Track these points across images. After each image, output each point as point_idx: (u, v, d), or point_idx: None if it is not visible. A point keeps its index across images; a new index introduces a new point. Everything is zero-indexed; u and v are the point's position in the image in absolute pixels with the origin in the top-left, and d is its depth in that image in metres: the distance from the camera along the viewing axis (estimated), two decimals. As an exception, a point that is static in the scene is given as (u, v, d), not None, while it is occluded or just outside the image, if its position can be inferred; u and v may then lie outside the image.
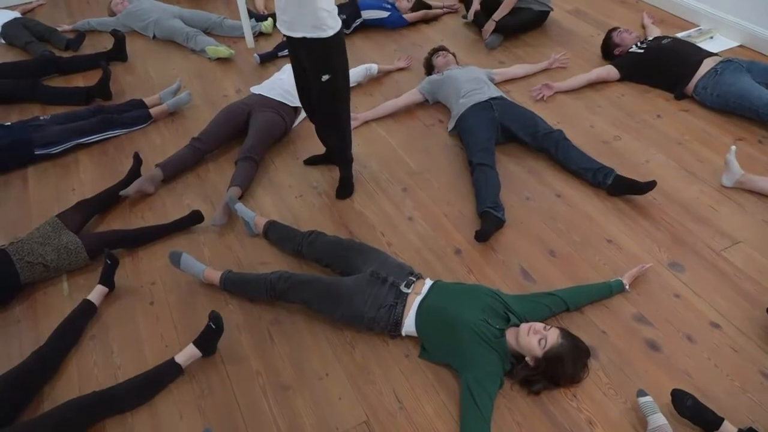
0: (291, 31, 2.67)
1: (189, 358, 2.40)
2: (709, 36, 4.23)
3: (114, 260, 2.75)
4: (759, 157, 3.22)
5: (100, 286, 2.71)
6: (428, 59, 4.04)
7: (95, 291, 2.69)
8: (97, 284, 2.72)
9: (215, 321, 2.41)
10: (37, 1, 5.68)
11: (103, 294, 2.71)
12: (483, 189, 3.01)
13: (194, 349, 2.40)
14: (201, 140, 3.47)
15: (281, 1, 2.60)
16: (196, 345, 2.41)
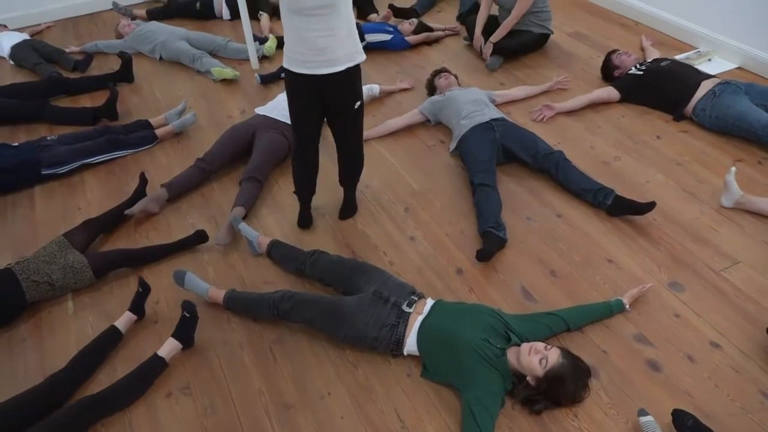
0: (333, 67, 2.62)
1: (171, 350, 2.48)
2: (708, 58, 4.29)
3: (146, 287, 2.72)
4: (758, 178, 3.24)
5: (129, 313, 2.70)
6: (430, 80, 4.10)
7: (123, 318, 2.67)
8: (126, 311, 2.70)
9: (188, 309, 2.50)
10: (46, 24, 5.78)
11: (131, 321, 2.70)
12: (484, 209, 3.04)
13: (174, 342, 2.49)
14: (206, 161, 3.52)
15: (321, 42, 2.54)
16: (174, 337, 2.50)
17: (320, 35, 2.53)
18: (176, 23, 5.39)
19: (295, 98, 2.80)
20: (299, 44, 2.57)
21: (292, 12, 2.50)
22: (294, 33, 2.56)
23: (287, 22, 2.57)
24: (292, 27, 2.55)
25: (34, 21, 5.76)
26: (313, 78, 2.65)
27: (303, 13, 2.47)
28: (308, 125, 2.88)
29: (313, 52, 2.58)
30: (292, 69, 2.68)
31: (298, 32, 2.54)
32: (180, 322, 2.52)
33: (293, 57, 2.64)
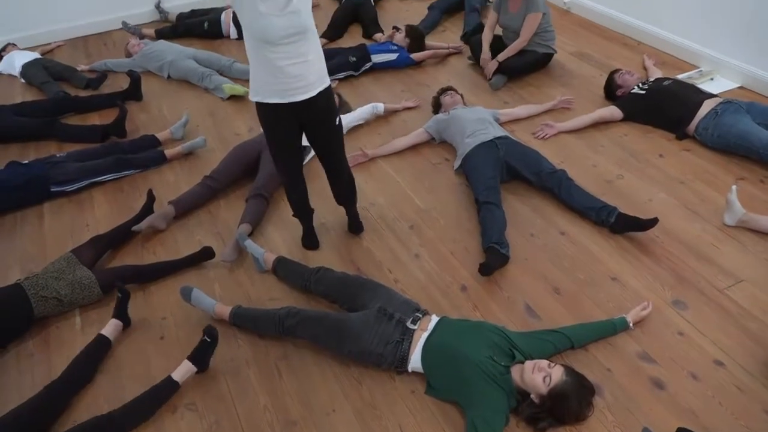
0: (309, 92, 2.60)
1: (185, 373, 2.47)
2: (710, 77, 4.33)
3: (125, 293, 2.80)
4: (760, 196, 3.27)
5: (115, 320, 2.76)
6: (436, 98, 4.15)
7: (110, 325, 2.73)
8: (111, 318, 2.76)
9: (209, 334, 2.48)
10: (56, 43, 5.87)
11: (119, 328, 2.75)
12: (489, 226, 3.07)
13: (189, 365, 2.47)
14: (213, 178, 3.56)
15: (294, 70, 2.50)
16: (190, 360, 2.48)
17: (293, 62, 2.50)
18: (184, 42, 5.47)
19: (274, 131, 2.74)
20: (271, 75, 2.51)
21: (261, 42, 2.43)
22: (264, 64, 2.49)
23: (255, 53, 2.50)
24: (261, 58, 2.48)
25: (45, 40, 5.86)
26: (290, 106, 2.60)
27: (274, 43, 2.43)
28: (291, 156, 2.88)
29: (288, 81, 2.53)
30: (265, 101, 2.60)
31: (269, 62, 2.47)
32: (199, 346, 2.50)
33: (265, 89, 2.57)
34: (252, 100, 2.66)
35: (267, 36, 2.41)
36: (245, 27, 2.46)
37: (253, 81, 2.60)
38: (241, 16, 2.44)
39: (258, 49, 2.47)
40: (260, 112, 2.69)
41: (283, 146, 2.81)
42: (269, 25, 2.39)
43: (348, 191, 3.15)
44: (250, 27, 2.43)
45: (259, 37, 2.42)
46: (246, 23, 2.44)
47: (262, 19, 2.39)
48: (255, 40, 2.45)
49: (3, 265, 3.27)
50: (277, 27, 2.40)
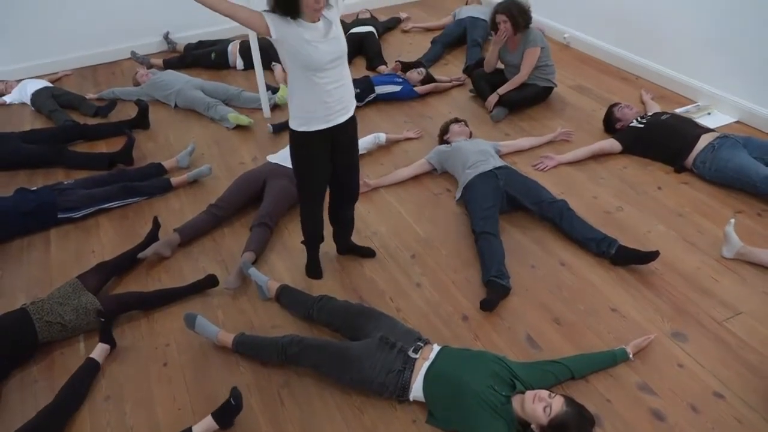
0: (348, 113, 2.76)
1: (207, 429, 2.41)
2: (707, 112, 4.41)
3: (107, 318, 2.90)
4: (758, 229, 3.31)
5: (101, 344, 2.82)
6: (447, 124, 4.20)
7: (97, 349, 2.80)
8: (99, 342, 2.83)
9: (236, 399, 2.44)
10: (63, 72, 5.98)
11: (106, 351, 2.81)
12: (487, 257, 3.10)
13: (212, 422, 2.42)
14: (218, 207, 3.62)
15: (337, 93, 2.64)
16: (214, 417, 2.43)
17: (337, 86, 2.65)
18: (191, 72, 5.57)
19: (314, 157, 2.81)
20: (318, 101, 2.63)
21: (308, 70, 2.55)
22: (312, 90, 2.60)
23: (303, 83, 2.60)
24: (309, 85, 2.59)
25: (55, 69, 5.97)
26: (330, 130, 2.73)
27: (321, 68, 2.56)
28: (324, 181, 2.94)
29: (332, 105, 2.66)
30: (311, 129, 2.69)
31: (316, 88, 2.60)
32: (224, 406, 2.44)
33: (312, 116, 2.67)
34: (297, 130, 2.72)
35: (314, 62, 2.53)
36: (291, 57, 2.55)
37: (299, 110, 2.68)
38: (285, 46, 2.53)
39: (305, 76, 2.58)
40: (302, 142, 2.76)
41: (319, 172, 2.88)
42: (315, 51, 2.52)
43: (352, 217, 3.24)
44: (298, 55, 2.52)
45: (307, 64, 2.53)
46: (292, 53, 2.53)
47: (308, 46, 2.51)
48: (302, 69, 2.55)
49: (9, 290, 3.30)
50: (324, 53, 2.53)
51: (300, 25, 2.50)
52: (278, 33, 2.49)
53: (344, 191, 3.06)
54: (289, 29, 2.49)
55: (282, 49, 2.56)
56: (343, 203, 3.12)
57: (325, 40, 2.55)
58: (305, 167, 2.86)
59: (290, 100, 2.70)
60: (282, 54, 2.58)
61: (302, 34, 2.50)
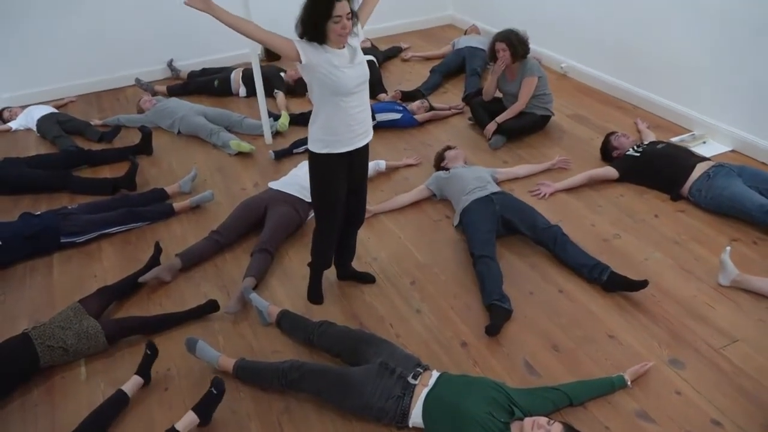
0: (368, 136, 2.86)
1: (188, 425, 2.46)
2: (702, 141, 4.48)
3: (154, 351, 2.82)
4: (754, 257, 3.35)
5: (137, 377, 2.77)
6: (441, 152, 4.27)
7: (131, 382, 2.74)
8: (134, 375, 2.77)
9: (217, 386, 2.50)
10: (68, 98, 6.08)
11: (139, 385, 2.76)
12: (487, 281, 3.14)
13: (193, 416, 2.48)
14: (220, 233, 3.66)
15: (361, 116, 2.75)
16: (194, 411, 2.49)
17: (360, 110, 2.75)
18: (195, 99, 5.66)
19: (335, 180, 2.86)
20: (343, 125, 2.72)
21: (336, 95, 2.64)
22: (339, 114, 2.69)
23: (330, 108, 2.68)
24: (336, 110, 2.68)
25: (59, 95, 6.07)
26: (351, 153, 2.81)
27: (349, 93, 2.66)
28: (341, 205, 2.96)
29: (356, 128, 2.76)
30: (335, 151, 2.76)
31: (343, 112, 2.69)
32: (204, 397, 2.51)
33: (336, 140, 2.74)
34: (319, 152, 2.78)
35: (342, 87, 2.63)
36: (319, 83, 2.63)
37: (323, 133, 2.75)
38: (314, 72, 2.61)
39: (332, 102, 2.67)
40: (324, 165, 2.81)
41: (339, 195, 2.92)
42: (344, 76, 2.62)
43: (355, 243, 3.31)
44: (326, 80, 2.61)
45: (335, 89, 2.62)
46: (320, 78, 2.62)
47: (337, 71, 2.61)
48: (330, 93, 2.64)
49: (12, 314, 3.33)
50: (351, 78, 2.64)
51: (327, 51, 2.60)
52: (308, 59, 2.58)
53: (351, 215, 3.11)
54: (317, 55, 2.59)
55: (310, 75, 2.64)
56: (349, 227, 3.17)
57: (352, 65, 2.65)
58: (326, 189, 2.90)
59: (313, 123, 2.77)
60: (310, 79, 2.67)
61: (331, 60, 2.60)
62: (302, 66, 2.63)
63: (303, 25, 2.59)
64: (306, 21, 2.57)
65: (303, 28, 2.60)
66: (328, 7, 2.50)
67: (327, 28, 2.54)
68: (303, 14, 2.58)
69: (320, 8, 2.52)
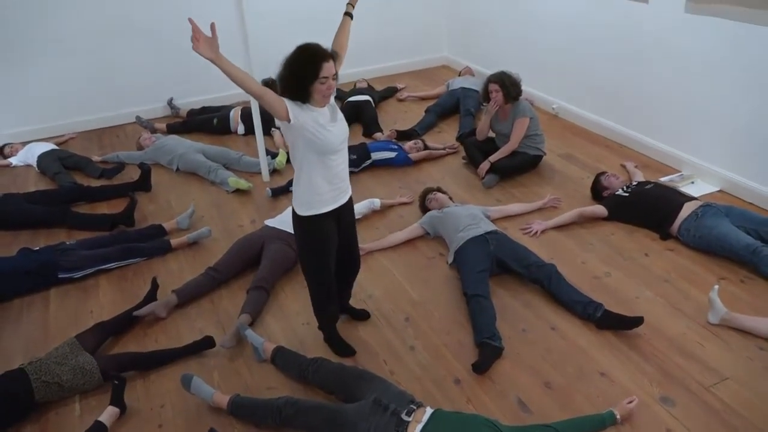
0: (349, 191, 2.88)
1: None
2: (691, 181, 4.58)
3: (121, 380, 2.88)
4: (742, 296, 3.40)
5: (111, 407, 2.81)
6: (422, 198, 4.35)
7: (106, 412, 2.78)
8: (108, 405, 2.81)
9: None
10: (69, 135, 6.18)
11: (115, 415, 2.80)
12: (479, 320, 3.19)
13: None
14: (216, 270, 3.70)
15: (342, 173, 2.78)
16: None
17: (343, 166, 2.78)
18: (194, 137, 5.77)
19: (325, 239, 2.85)
20: (329, 183, 2.73)
21: (323, 154, 2.65)
22: (324, 173, 2.70)
23: (316, 167, 2.68)
24: (321, 169, 2.68)
25: (59, 132, 6.18)
26: (337, 210, 2.83)
27: (335, 150, 2.68)
28: (333, 262, 2.96)
29: (341, 185, 2.79)
30: (322, 211, 2.76)
31: (329, 171, 2.70)
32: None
33: (321, 199, 2.75)
34: (307, 215, 2.76)
35: (329, 145, 2.64)
36: (306, 142, 2.61)
37: (308, 195, 2.74)
38: (302, 131, 2.58)
39: (319, 161, 2.66)
40: (314, 227, 2.81)
41: (331, 253, 2.92)
42: (330, 135, 2.64)
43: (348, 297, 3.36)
44: (314, 139, 2.60)
45: (322, 147, 2.62)
46: (307, 138, 2.59)
47: (324, 130, 2.62)
48: (316, 152, 2.64)
49: (8, 349, 3.34)
50: (336, 135, 2.67)
51: (312, 110, 2.61)
52: (296, 118, 2.55)
53: (347, 268, 3.14)
54: (304, 114, 2.58)
55: (296, 134, 2.60)
56: (348, 278, 3.21)
57: (335, 123, 2.68)
58: (318, 252, 2.88)
59: (297, 185, 2.76)
60: (295, 139, 2.63)
61: (317, 119, 2.61)
62: (289, 126, 2.57)
63: (285, 84, 2.57)
64: (290, 80, 2.55)
65: (285, 86, 2.57)
66: (315, 68, 2.51)
67: (312, 88, 2.55)
68: (286, 73, 2.55)
69: (307, 69, 2.52)
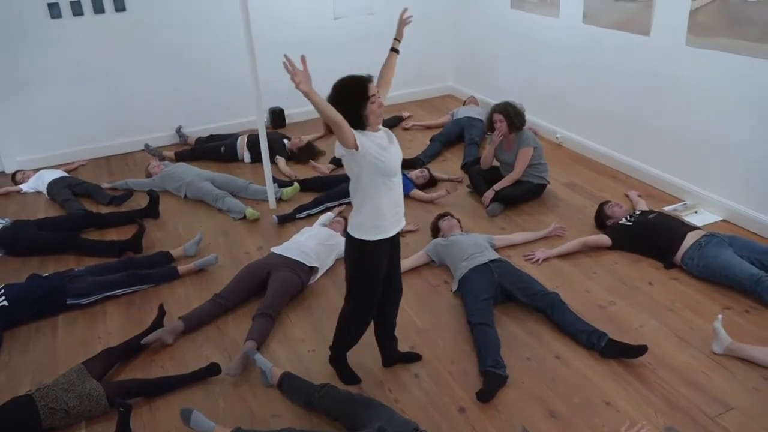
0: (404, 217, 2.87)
1: None
2: (694, 210, 4.61)
3: (127, 407, 2.88)
4: (746, 326, 3.41)
5: None
6: (435, 222, 4.40)
7: None
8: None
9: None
10: (79, 162, 6.27)
11: None
12: (483, 348, 3.20)
13: None
14: (223, 297, 3.73)
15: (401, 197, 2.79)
16: None
17: (400, 189, 2.80)
18: (201, 165, 5.83)
19: (380, 265, 2.86)
20: (394, 205, 2.76)
21: (386, 177, 2.67)
22: (388, 197, 2.72)
23: (380, 191, 2.69)
24: (385, 193, 2.70)
25: (69, 159, 6.27)
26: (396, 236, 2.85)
27: (395, 173, 2.71)
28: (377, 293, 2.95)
29: (399, 209, 2.81)
30: (384, 236, 2.77)
31: (392, 193, 2.72)
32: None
33: (386, 224, 2.76)
34: (369, 239, 2.75)
35: (391, 167, 2.68)
36: (371, 167, 2.62)
37: (373, 219, 2.74)
38: (368, 157, 2.59)
39: (383, 184, 2.69)
40: (373, 251, 2.80)
41: (381, 280, 2.91)
42: (391, 157, 2.69)
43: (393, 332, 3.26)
44: (378, 163, 2.62)
45: (385, 169, 2.66)
46: (373, 162, 2.61)
47: (385, 152, 2.66)
48: (381, 176, 2.66)
49: (16, 375, 3.36)
50: (395, 156, 2.72)
51: (371, 135, 2.64)
52: (362, 145, 2.57)
53: (394, 294, 3.10)
54: (367, 140, 2.60)
55: (363, 161, 2.61)
56: (393, 306, 3.15)
57: (392, 144, 2.73)
58: (372, 275, 2.88)
59: (359, 212, 2.75)
60: (361, 168, 2.64)
61: (378, 141, 2.66)
62: (355, 154, 2.59)
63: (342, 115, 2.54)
64: (344, 109, 2.53)
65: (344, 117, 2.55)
66: (363, 90, 2.58)
67: (366, 111, 2.59)
68: (337, 107, 2.51)
69: (356, 94, 2.58)
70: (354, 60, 6.97)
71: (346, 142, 2.56)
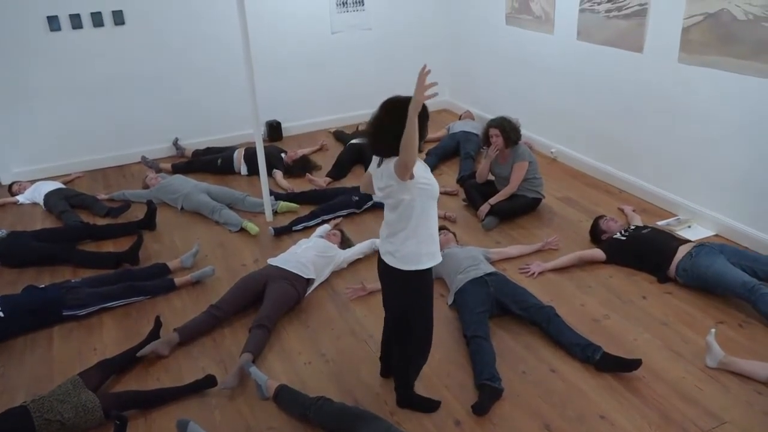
0: None
1: None
2: (687, 225, 4.65)
3: (123, 420, 2.87)
4: (739, 340, 3.44)
5: None
6: None
7: None
8: None
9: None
10: (76, 173, 6.28)
11: None
12: (479, 361, 3.21)
13: None
14: (219, 308, 3.74)
15: None
16: None
17: None
18: (198, 177, 5.85)
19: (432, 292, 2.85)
20: (435, 230, 2.73)
21: (433, 199, 2.66)
22: (433, 220, 2.69)
23: (432, 216, 2.68)
24: (432, 217, 2.68)
25: (66, 171, 6.28)
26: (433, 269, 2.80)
27: (437, 196, 2.69)
28: None
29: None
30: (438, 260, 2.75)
31: (434, 218, 2.70)
32: None
33: (436, 249, 2.73)
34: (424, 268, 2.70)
35: (437, 190, 2.67)
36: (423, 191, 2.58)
37: (427, 246, 2.69)
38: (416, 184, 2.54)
39: (432, 207, 2.67)
40: (429, 277, 2.78)
41: None
42: (433, 179, 2.66)
43: None
44: (427, 187, 2.59)
45: (435, 193, 2.65)
46: (422, 189, 2.57)
47: (430, 175, 2.65)
48: (429, 199, 2.64)
49: (11, 386, 3.35)
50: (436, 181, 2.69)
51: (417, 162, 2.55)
52: (416, 171, 2.53)
53: None
54: (416, 168, 2.53)
55: (414, 189, 2.56)
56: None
57: (428, 168, 2.72)
58: (432, 301, 2.86)
59: (408, 240, 2.66)
60: (414, 195, 2.57)
61: (423, 167, 2.64)
62: (408, 183, 2.53)
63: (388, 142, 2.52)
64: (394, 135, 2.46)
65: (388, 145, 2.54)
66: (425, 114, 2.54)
67: None
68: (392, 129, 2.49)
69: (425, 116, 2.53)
70: (351, 74, 7.08)
71: (409, 167, 2.46)
